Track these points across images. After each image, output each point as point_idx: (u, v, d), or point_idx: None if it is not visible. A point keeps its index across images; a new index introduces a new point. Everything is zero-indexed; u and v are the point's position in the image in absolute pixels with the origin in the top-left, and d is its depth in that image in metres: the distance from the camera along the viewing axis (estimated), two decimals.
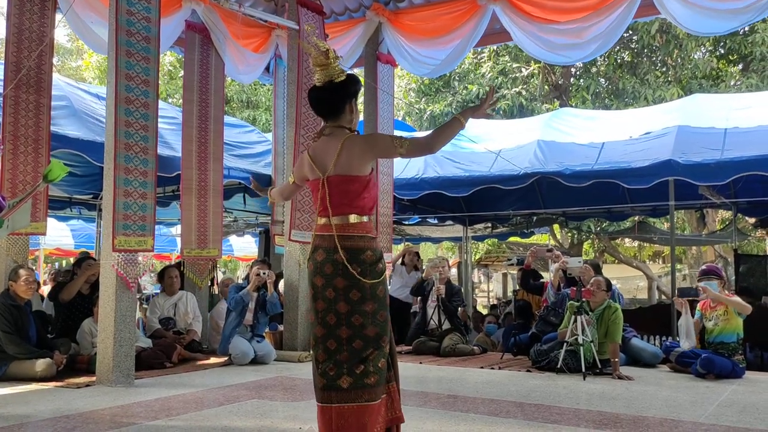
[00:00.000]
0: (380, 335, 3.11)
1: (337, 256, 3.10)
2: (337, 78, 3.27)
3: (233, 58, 7.86)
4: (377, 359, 3.08)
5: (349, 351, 3.07)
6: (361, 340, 3.07)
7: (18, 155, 5.98)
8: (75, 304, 6.39)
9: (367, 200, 3.22)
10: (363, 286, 3.09)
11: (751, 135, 7.54)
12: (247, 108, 19.18)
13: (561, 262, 6.92)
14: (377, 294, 3.13)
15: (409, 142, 3.21)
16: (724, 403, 4.61)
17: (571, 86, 17.27)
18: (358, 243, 3.14)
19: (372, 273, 3.13)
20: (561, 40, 6.92)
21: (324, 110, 3.32)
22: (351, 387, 3.03)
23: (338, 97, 3.27)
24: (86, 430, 3.71)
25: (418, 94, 17.34)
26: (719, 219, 15.48)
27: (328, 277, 3.12)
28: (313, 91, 3.34)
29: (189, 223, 7.27)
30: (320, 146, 3.28)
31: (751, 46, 14.43)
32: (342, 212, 3.16)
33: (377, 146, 3.28)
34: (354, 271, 3.08)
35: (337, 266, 3.10)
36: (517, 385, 5.32)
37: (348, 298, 3.09)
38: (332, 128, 3.28)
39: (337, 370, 3.06)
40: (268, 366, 6.35)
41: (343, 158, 3.16)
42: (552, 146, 8.74)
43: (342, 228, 3.14)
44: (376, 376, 3.06)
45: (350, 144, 3.18)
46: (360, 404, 3.01)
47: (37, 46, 6.09)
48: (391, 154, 3.33)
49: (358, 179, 3.19)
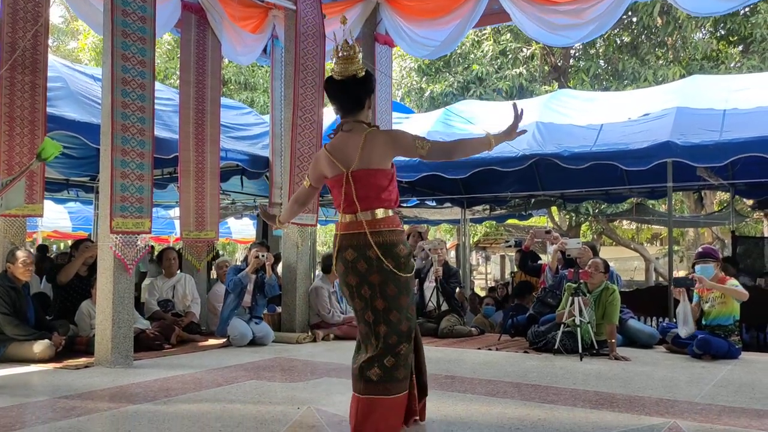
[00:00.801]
0: (411, 329, 3.18)
1: (370, 252, 3.10)
2: (360, 73, 3.25)
3: (230, 39, 7.80)
4: (407, 353, 3.15)
5: (384, 346, 3.11)
6: (396, 336, 3.12)
7: (14, 137, 5.96)
8: (73, 285, 6.40)
9: (392, 193, 3.23)
10: (398, 280, 3.12)
11: (749, 116, 7.52)
12: (244, 90, 19.09)
13: (560, 243, 6.93)
14: (410, 287, 3.19)
15: (431, 145, 3.21)
16: (720, 383, 4.64)
17: (570, 68, 17.19)
18: (390, 237, 3.14)
19: (406, 267, 3.16)
20: (560, 20, 6.87)
21: (349, 104, 3.28)
22: (380, 380, 3.08)
23: (362, 91, 3.26)
24: (85, 410, 3.73)
25: (418, 74, 17.23)
26: (717, 201, 15.49)
27: (363, 274, 3.13)
28: (336, 84, 3.27)
29: (187, 205, 7.26)
30: (340, 142, 3.25)
31: (751, 28, 14.35)
32: (369, 206, 3.16)
33: (399, 143, 3.26)
34: (389, 266, 3.09)
35: (371, 262, 3.11)
36: (515, 366, 5.34)
37: (385, 294, 3.11)
38: (352, 123, 3.26)
39: (370, 362, 3.11)
40: (266, 347, 6.38)
41: (366, 152, 3.15)
42: (550, 128, 8.71)
43: (372, 224, 3.13)
44: (405, 370, 3.13)
45: (372, 138, 3.18)
46: (388, 397, 3.07)
47: (31, 26, 6.04)
48: (411, 153, 3.30)
49: (383, 172, 3.19)
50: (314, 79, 7.06)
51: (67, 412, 3.69)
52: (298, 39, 6.94)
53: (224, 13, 7.50)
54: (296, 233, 7.12)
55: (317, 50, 7.14)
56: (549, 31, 6.98)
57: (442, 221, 15.56)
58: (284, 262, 7.27)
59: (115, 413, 3.68)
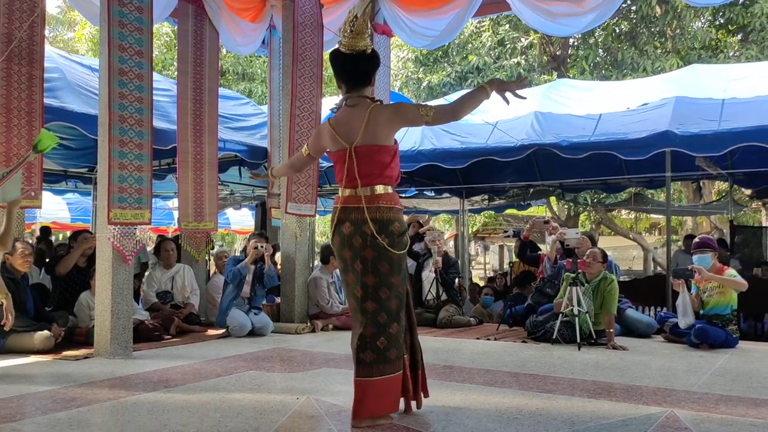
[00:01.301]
0: (400, 308, 3.18)
1: (366, 228, 3.12)
2: (369, 49, 3.27)
3: (229, 29, 7.76)
4: (398, 333, 3.15)
5: (374, 324, 3.12)
6: (385, 314, 3.13)
7: (11, 128, 5.95)
8: (72, 277, 6.40)
9: (393, 170, 3.24)
10: (391, 258, 3.13)
11: (748, 106, 7.51)
12: (242, 80, 19.03)
13: (558, 233, 6.94)
14: (402, 266, 3.20)
15: (435, 110, 3.21)
16: (717, 372, 4.66)
17: (569, 56, 17.14)
18: (387, 214, 3.15)
19: (400, 244, 3.17)
20: (560, 8, 6.85)
21: (357, 79, 3.29)
22: (373, 362, 3.09)
23: (371, 67, 3.30)
24: (85, 401, 3.74)
25: (416, 64, 17.18)
26: (716, 190, 15.49)
27: (357, 249, 3.14)
28: (345, 58, 3.26)
29: (186, 196, 7.25)
30: (343, 116, 3.25)
31: (750, 17, 14.31)
32: (370, 183, 3.16)
33: (404, 115, 3.28)
34: (383, 242, 3.10)
35: (366, 238, 3.12)
36: (513, 356, 5.36)
37: (377, 270, 3.12)
38: (356, 98, 3.27)
39: (361, 344, 3.12)
40: (266, 338, 6.39)
41: (370, 127, 3.15)
42: (549, 118, 8.69)
43: (370, 199, 3.15)
44: (397, 350, 3.14)
45: (377, 113, 3.17)
46: (382, 378, 3.09)
47: (28, 17, 6.02)
48: (417, 122, 3.31)
49: (386, 149, 3.19)
50: (312, 69, 7.04)
51: (66, 402, 3.70)
52: (295, 29, 6.92)
53: (222, 3, 7.46)
54: (295, 224, 7.12)
55: (315, 40, 7.11)
56: (549, 20, 6.97)
57: (441, 211, 15.56)
58: (283, 252, 7.27)
59: (115, 404, 3.69)
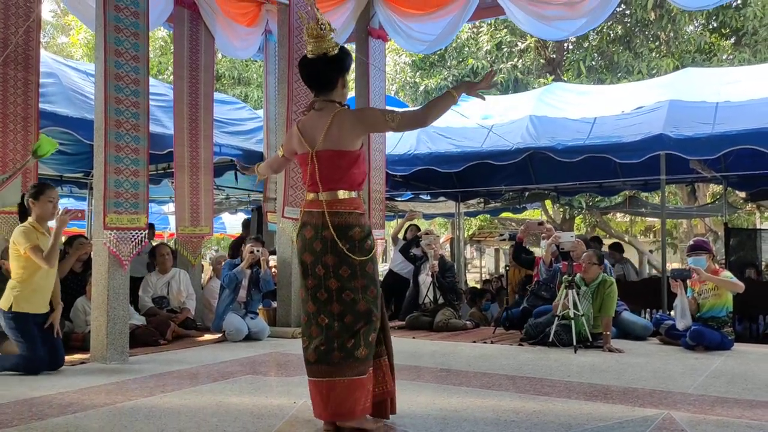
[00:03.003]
0: (371, 311, 3.14)
1: (326, 233, 3.12)
2: (332, 51, 3.24)
3: (225, 33, 7.77)
4: (367, 333, 3.12)
5: (340, 326, 3.10)
6: (351, 315, 3.11)
7: (7, 133, 5.93)
8: (67, 282, 6.35)
9: (356, 175, 3.22)
10: (352, 263, 3.12)
11: (741, 109, 7.56)
12: (238, 85, 19.03)
13: (553, 237, 6.95)
14: (366, 271, 3.16)
15: (401, 116, 3.20)
16: (713, 374, 4.68)
17: (564, 60, 17.20)
18: (347, 219, 3.15)
19: (361, 250, 3.14)
20: (553, 12, 6.87)
21: (317, 83, 3.29)
22: (341, 360, 3.07)
23: (333, 70, 3.26)
24: (81, 406, 3.73)
25: (413, 68, 17.21)
26: (710, 193, 15.55)
27: (318, 254, 3.14)
28: (306, 63, 3.30)
29: (182, 200, 7.26)
30: (310, 120, 3.27)
31: (743, 21, 14.38)
32: (331, 188, 3.17)
33: (368, 120, 3.27)
34: (343, 248, 3.10)
35: (326, 243, 3.12)
36: (509, 359, 5.37)
37: (338, 275, 3.12)
38: (323, 102, 3.27)
39: (329, 344, 3.10)
40: (262, 342, 6.39)
41: (333, 132, 3.15)
42: (544, 121, 8.73)
43: (331, 204, 3.15)
44: (366, 350, 3.11)
45: (340, 118, 3.17)
46: (351, 378, 3.06)
47: (23, 22, 6.01)
48: (381, 128, 3.33)
49: (348, 154, 3.18)
50: None
51: (63, 408, 3.70)
52: (291, 33, 6.93)
53: (217, 8, 7.47)
54: (291, 228, 7.10)
55: None
56: (542, 23, 6.98)
57: (437, 215, 15.58)
58: (279, 257, 7.27)
59: (112, 409, 3.69)
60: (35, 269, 4.66)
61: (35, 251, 4.59)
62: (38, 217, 4.78)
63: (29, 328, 4.70)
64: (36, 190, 4.82)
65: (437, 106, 3.21)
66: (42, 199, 4.77)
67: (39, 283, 4.73)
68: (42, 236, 4.73)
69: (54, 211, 4.86)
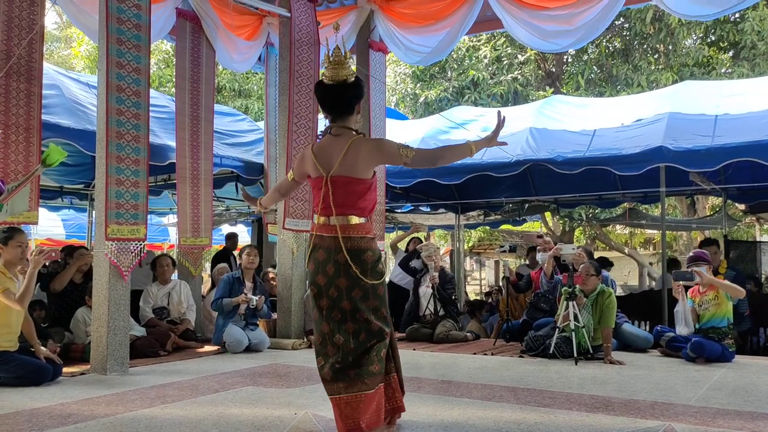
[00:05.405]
0: (383, 330, 3.23)
1: (339, 257, 3.19)
2: (350, 78, 3.30)
3: (225, 46, 7.82)
4: (380, 349, 3.20)
5: (355, 343, 3.18)
6: (366, 333, 3.19)
7: (9, 144, 5.94)
8: (67, 293, 6.38)
9: (368, 202, 3.30)
10: (365, 286, 3.20)
11: (741, 121, 7.58)
12: (239, 97, 19.08)
13: (554, 249, 6.95)
14: (378, 293, 3.25)
15: (415, 153, 3.27)
16: (714, 386, 4.67)
17: (564, 73, 17.27)
18: (360, 244, 3.22)
19: (373, 273, 3.23)
20: (551, 26, 6.92)
21: (338, 109, 3.33)
22: (356, 376, 3.13)
23: (352, 96, 3.31)
24: (81, 417, 3.73)
25: (413, 80, 17.26)
26: (709, 205, 15.56)
27: (331, 277, 3.20)
28: (326, 89, 3.32)
29: (184, 211, 7.27)
30: (325, 145, 3.30)
31: (741, 35, 14.46)
32: (344, 213, 3.22)
33: (384, 152, 3.33)
34: (356, 271, 3.17)
35: (339, 266, 3.19)
36: (510, 371, 5.36)
37: (351, 297, 3.19)
38: (340, 128, 3.32)
39: (344, 361, 3.16)
40: (262, 353, 6.38)
41: (349, 159, 3.20)
42: (544, 134, 8.75)
43: (344, 229, 3.21)
44: (378, 365, 3.18)
45: (357, 146, 3.23)
46: (365, 392, 3.12)
47: (26, 33, 6.04)
48: (396, 161, 3.35)
49: (362, 182, 3.25)
50: (309, 86, 7.09)
51: (63, 419, 3.69)
52: (292, 46, 6.97)
53: (219, 21, 7.52)
54: (291, 239, 7.13)
55: (312, 57, 7.17)
56: (540, 37, 7.03)
57: (437, 227, 15.57)
58: (279, 268, 7.28)
59: (112, 420, 3.68)
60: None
61: (6, 295, 4.60)
62: (7, 262, 4.78)
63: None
64: (5, 236, 4.83)
65: (452, 153, 3.34)
66: (11, 244, 4.78)
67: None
68: (10, 281, 4.73)
69: (23, 256, 4.87)
